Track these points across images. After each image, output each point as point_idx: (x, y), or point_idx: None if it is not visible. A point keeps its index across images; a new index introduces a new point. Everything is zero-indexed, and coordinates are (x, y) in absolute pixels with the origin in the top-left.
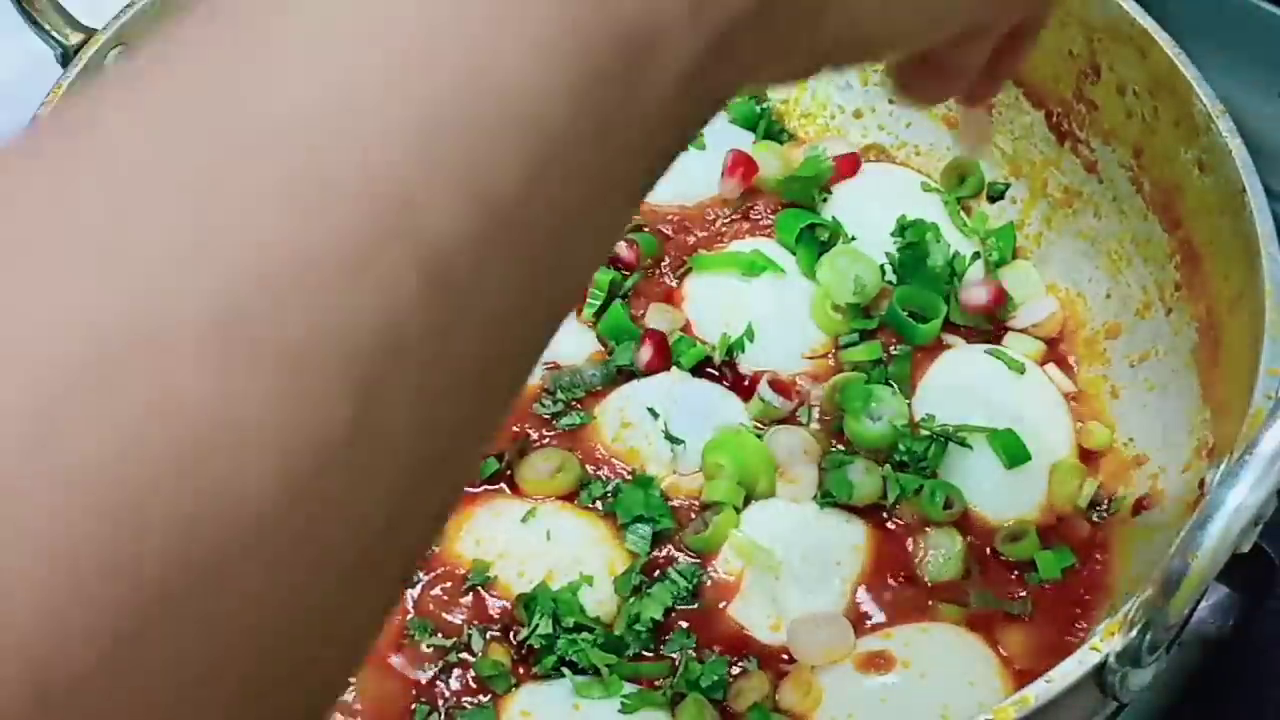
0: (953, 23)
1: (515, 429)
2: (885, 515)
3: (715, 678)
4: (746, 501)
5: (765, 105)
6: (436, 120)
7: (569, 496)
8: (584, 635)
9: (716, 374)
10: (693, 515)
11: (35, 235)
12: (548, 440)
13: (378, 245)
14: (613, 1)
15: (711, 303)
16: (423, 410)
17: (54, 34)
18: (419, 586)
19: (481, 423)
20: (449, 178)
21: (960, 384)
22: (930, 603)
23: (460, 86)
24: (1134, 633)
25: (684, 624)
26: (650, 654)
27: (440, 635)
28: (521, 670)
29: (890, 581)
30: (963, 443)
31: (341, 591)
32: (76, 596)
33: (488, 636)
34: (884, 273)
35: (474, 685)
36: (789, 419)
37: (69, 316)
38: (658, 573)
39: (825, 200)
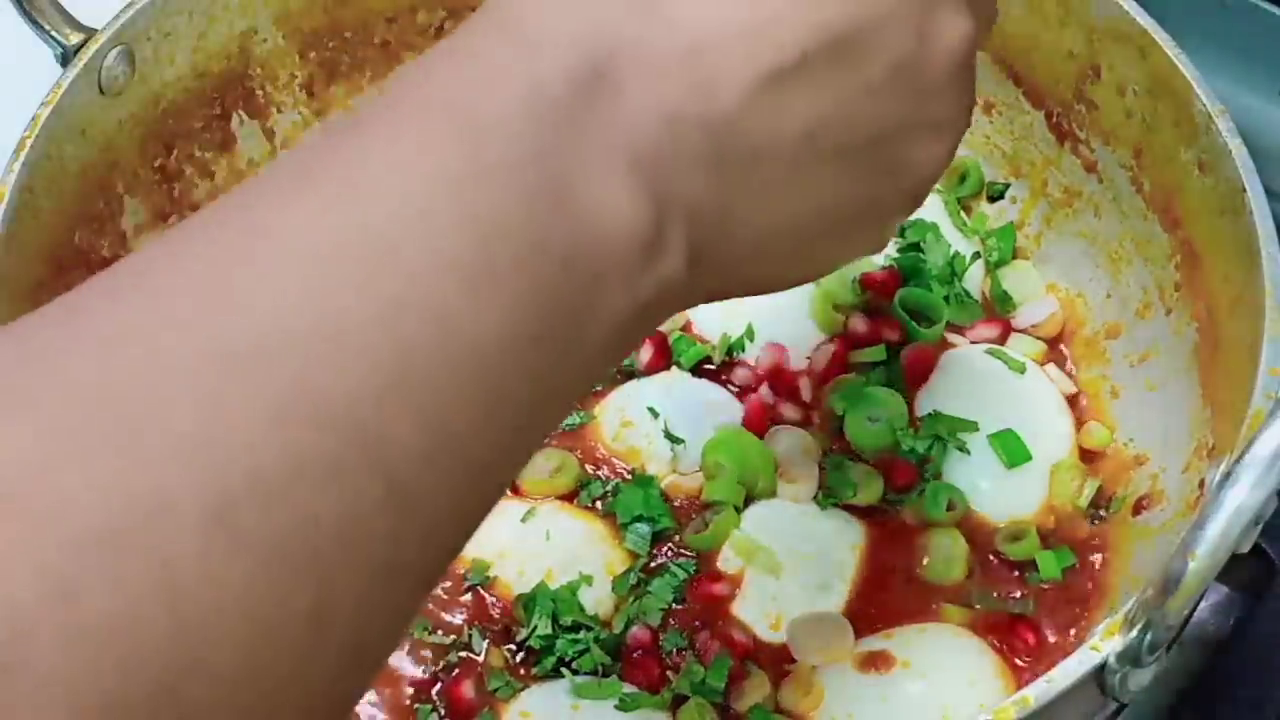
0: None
1: None
2: (886, 516)
3: (720, 682)
4: (747, 501)
5: None
6: (404, 360)
7: (569, 496)
8: (583, 634)
9: (716, 374)
10: (693, 515)
11: (77, 420)
12: (547, 440)
13: (341, 460)
14: (565, 280)
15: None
16: (365, 603)
17: (54, 34)
18: None
19: (411, 608)
20: (410, 410)
21: (960, 384)
22: (933, 604)
23: (429, 335)
24: (1134, 633)
25: (682, 624)
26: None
27: (440, 634)
28: (522, 671)
29: (890, 581)
30: (961, 447)
31: None
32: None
33: (488, 636)
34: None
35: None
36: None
37: (93, 492)
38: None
39: None
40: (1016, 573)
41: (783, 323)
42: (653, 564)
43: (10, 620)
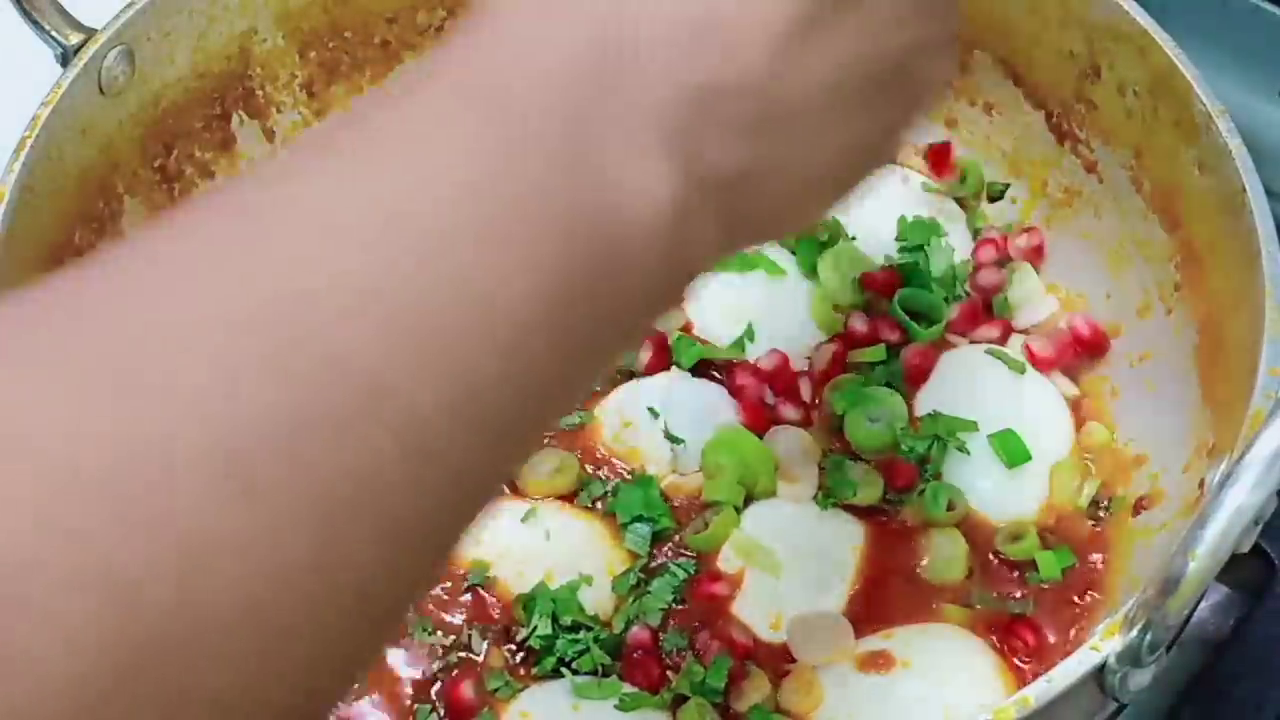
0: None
1: None
2: (886, 516)
3: (720, 682)
4: (747, 501)
5: None
6: (421, 319)
7: (569, 496)
8: (583, 634)
9: (717, 374)
10: (693, 515)
11: (88, 372)
12: (547, 440)
13: (352, 417)
14: (593, 247)
15: (711, 302)
16: (374, 558)
17: (54, 34)
18: None
19: (425, 570)
20: (423, 365)
21: (960, 384)
22: (933, 604)
23: (448, 294)
24: (1134, 633)
25: (682, 624)
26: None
27: (440, 634)
28: (521, 671)
29: (890, 581)
30: (961, 447)
31: (288, 693)
32: (72, 663)
33: (487, 636)
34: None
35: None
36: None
37: (101, 438)
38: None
39: None
40: (1016, 573)
41: (783, 323)
42: (653, 564)
43: (14, 556)
